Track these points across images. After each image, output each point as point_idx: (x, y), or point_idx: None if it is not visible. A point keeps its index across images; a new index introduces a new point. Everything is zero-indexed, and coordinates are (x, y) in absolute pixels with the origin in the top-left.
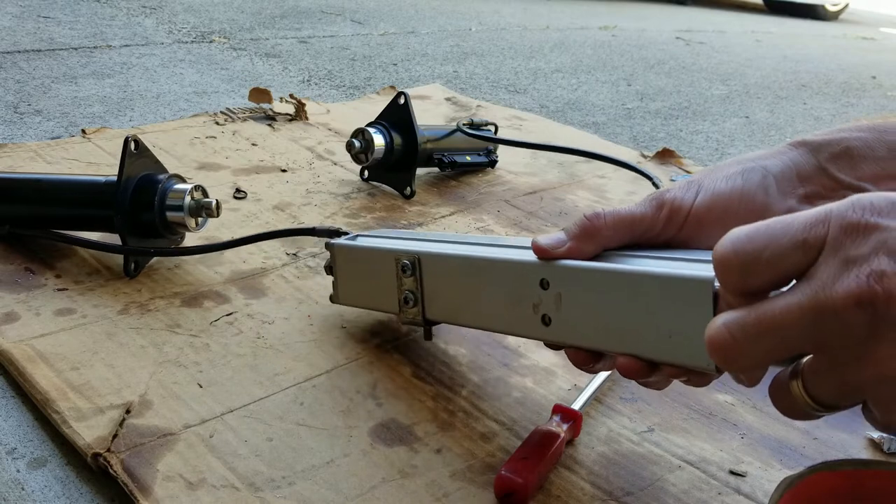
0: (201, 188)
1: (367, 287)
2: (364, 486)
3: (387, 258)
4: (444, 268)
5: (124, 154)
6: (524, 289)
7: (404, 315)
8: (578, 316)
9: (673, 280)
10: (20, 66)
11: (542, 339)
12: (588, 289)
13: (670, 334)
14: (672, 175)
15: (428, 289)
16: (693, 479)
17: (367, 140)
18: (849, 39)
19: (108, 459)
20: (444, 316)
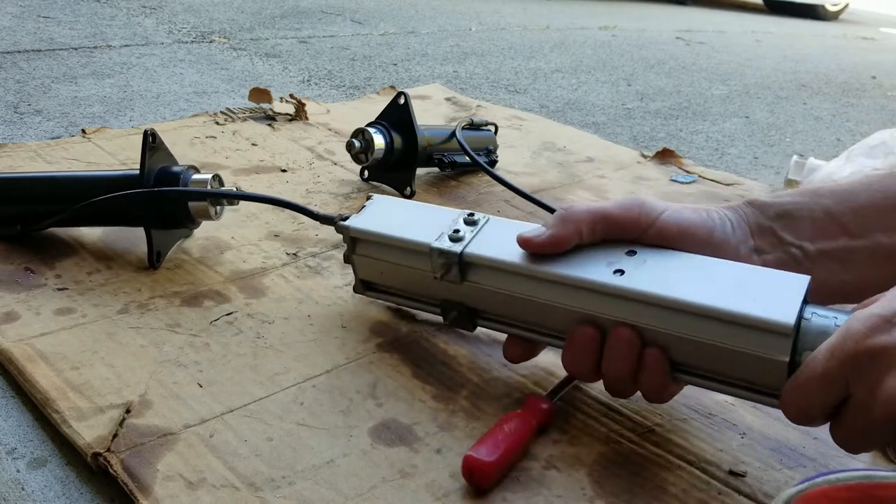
0: (218, 177)
1: (404, 226)
2: (364, 485)
3: (447, 212)
4: (512, 228)
5: (144, 147)
6: (607, 253)
7: (438, 244)
8: (658, 273)
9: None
10: (20, 66)
11: (604, 287)
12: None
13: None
14: (672, 175)
15: (483, 235)
16: (693, 479)
17: (367, 140)
18: (849, 39)
19: (108, 459)
20: (490, 252)
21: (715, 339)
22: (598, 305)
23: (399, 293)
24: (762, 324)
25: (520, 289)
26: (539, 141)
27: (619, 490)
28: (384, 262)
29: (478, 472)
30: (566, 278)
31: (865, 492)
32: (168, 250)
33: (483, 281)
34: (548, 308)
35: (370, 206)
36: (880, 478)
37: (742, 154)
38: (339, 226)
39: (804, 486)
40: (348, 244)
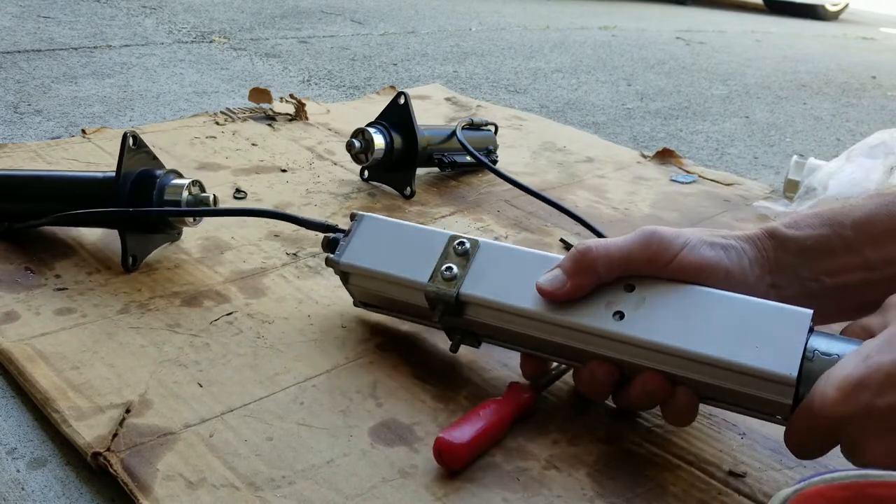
0: (199, 183)
1: (393, 258)
2: (364, 485)
3: (435, 237)
4: (504, 257)
5: (123, 149)
6: (604, 287)
7: (433, 286)
8: (658, 316)
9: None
10: (20, 66)
11: (605, 332)
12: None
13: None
14: (672, 175)
15: (475, 269)
16: (693, 479)
17: (367, 140)
18: (849, 39)
19: (108, 459)
20: (484, 292)
21: (718, 382)
22: (600, 348)
23: (401, 314)
24: (766, 374)
25: (518, 328)
26: (539, 141)
27: (619, 490)
28: (379, 293)
29: (447, 454)
30: (565, 322)
31: (860, 490)
32: (146, 255)
33: (481, 317)
34: (548, 343)
35: (358, 230)
36: (875, 476)
37: (742, 154)
38: (328, 259)
39: (800, 485)
40: (340, 276)
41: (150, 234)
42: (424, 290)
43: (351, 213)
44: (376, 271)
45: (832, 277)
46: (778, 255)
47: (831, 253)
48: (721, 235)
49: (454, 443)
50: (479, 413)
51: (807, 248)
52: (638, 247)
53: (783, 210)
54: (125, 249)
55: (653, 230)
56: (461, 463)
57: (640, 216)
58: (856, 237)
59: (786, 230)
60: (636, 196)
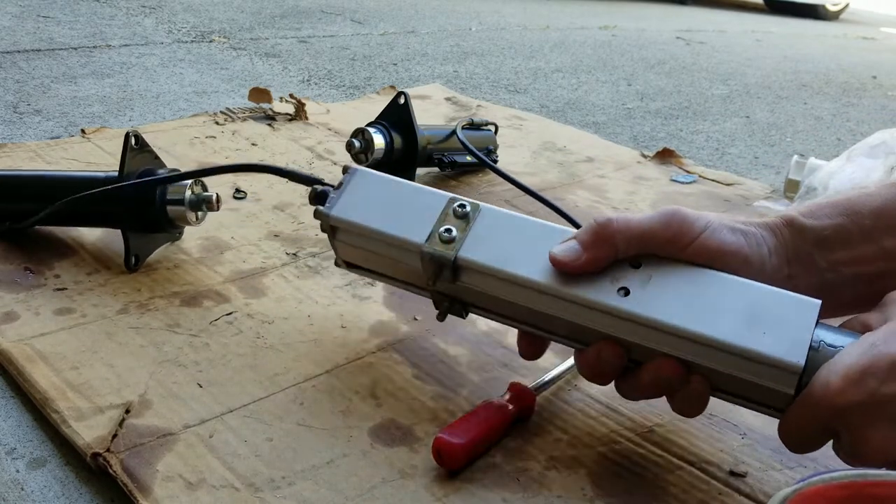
0: (201, 182)
1: (388, 215)
2: (364, 486)
3: (434, 197)
4: (505, 223)
5: (125, 149)
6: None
7: (429, 247)
8: (665, 294)
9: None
10: (20, 66)
11: (608, 307)
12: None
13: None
14: (672, 175)
15: (475, 233)
16: (693, 479)
17: (367, 140)
18: (849, 39)
19: (108, 459)
20: (485, 258)
21: (721, 367)
22: (601, 325)
23: (385, 276)
24: (771, 361)
25: (517, 298)
26: (539, 141)
27: (619, 490)
28: (368, 252)
29: (446, 454)
30: (567, 294)
31: (859, 490)
32: (148, 254)
33: (477, 284)
34: (546, 317)
35: (350, 184)
36: (874, 476)
37: (742, 154)
38: (317, 212)
39: (800, 485)
40: (327, 230)
41: (153, 234)
42: (420, 250)
43: (343, 166)
44: (370, 228)
45: (849, 267)
46: (796, 244)
47: (848, 242)
48: (741, 221)
49: (453, 442)
50: (479, 413)
51: (824, 238)
52: (659, 225)
53: (783, 210)
54: (128, 249)
55: (675, 209)
56: (459, 463)
57: None
58: (873, 226)
59: (803, 219)
60: (636, 196)
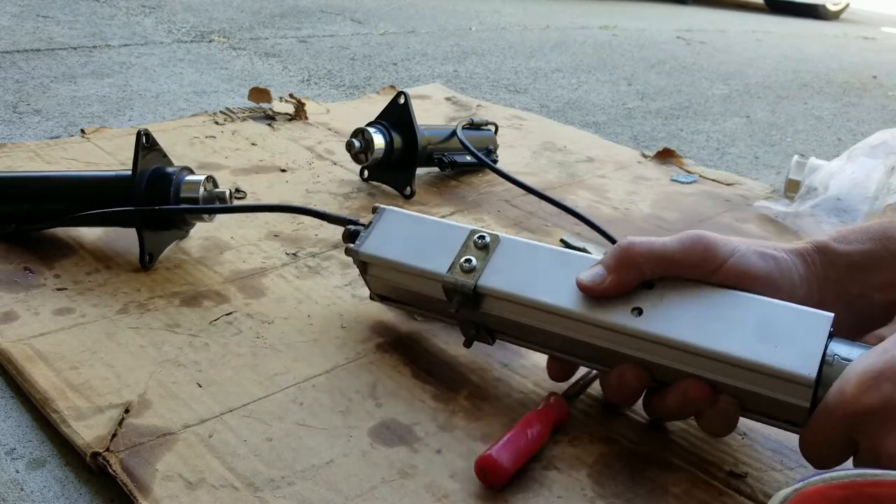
0: (212, 178)
1: (413, 249)
2: (364, 486)
3: (455, 231)
4: (523, 251)
5: (137, 147)
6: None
7: (451, 277)
8: (677, 313)
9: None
10: (19, 66)
11: (622, 328)
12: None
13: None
14: (672, 175)
15: (495, 262)
16: (693, 479)
17: (367, 140)
18: (850, 39)
19: (108, 459)
20: (503, 284)
21: (737, 383)
22: (616, 343)
23: (416, 307)
24: (785, 375)
25: (535, 321)
26: (539, 141)
27: (620, 490)
28: (397, 285)
29: (492, 474)
30: (583, 316)
31: (859, 489)
32: (161, 252)
33: (498, 311)
34: (566, 339)
35: (379, 223)
36: (873, 475)
37: (743, 154)
38: (348, 249)
39: (800, 485)
40: (359, 266)
41: (165, 231)
42: (443, 280)
43: (373, 207)
44: (395, 261)
45: (881, 293)
46: (826, 270)
47: (880, 268)
48: (771, 246)
49: (504, 466)
50: (527, 433)
51: (855, 264)
52: (682, 249)
53: (784, 210)
54: (143, 248)
55: (699, 234)
56: (502, 484)
57: (641, 216)
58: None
59: (835, 244)
60: (637, 196)
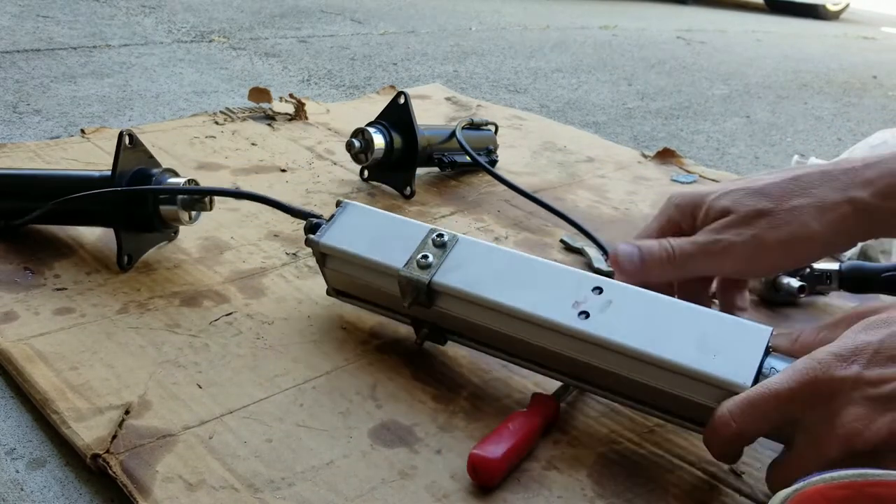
0: (194, 182)
1: (372, 244)
2: (364, 486)
3: (415, 228)
4: (480, 252)
5: (119, 148)
6: (573, 288)
7: (406, 271)
8: (622, 318)
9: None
10: (19, 66)
11: (567, 329)
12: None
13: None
14: (673, 175)
15: (450, 261)
16: (694, 479)
17: (367, 140)
18: (850, 39)
19: (108, 461)
20: (456, 282)
21: (674, 390)
22: (561, 344)
23: (371, 303)
24: (722, 383)
25: (485, 320)
26: (539, 141)
27: (620, 490)
28: (354, 278)
29: (483, 470)
30: (531, 316)
31: (860, 489)
32: (141, 254)
33: (450, 308)
34: (514, 341)
35: (341, 216)
36: (874, 475)
37: (743, 154)
38: (308, 239)
39: (800, 485)
40: (318, 257)
41: (146, 233)
42: (398, 274)
43: (337, 200)
44: (353, 254)
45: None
46: (870, 229)
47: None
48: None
49: (489, 458)
50: (509, 426)
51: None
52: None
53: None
54: (120, 248)
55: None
56: (496, 480)
57: (641, 216)
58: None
59: (877, 202)
60: (637, 196)
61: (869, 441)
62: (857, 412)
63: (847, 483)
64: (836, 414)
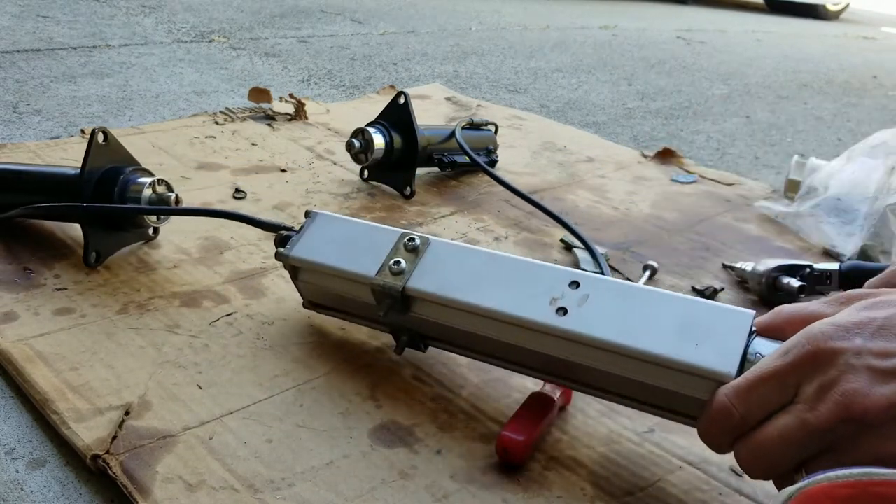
0: (165, 182)
1: (343, 253)
2: (364, 487)
3: (386, 234)
4: (453, 254)
5: (90, 146)
6: (549, 284)
7: (379, 279)
8: (601, 312)
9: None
10: (19, 66)
11: (545, 327)
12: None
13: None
14: (673, 175)
15: (424, 265)
16: (694, 479)
17: (367, 140)
18: (850, 39)
19: (108, 461)
20: (431, 286)
21: (657, 382)
22: (539, 344)
23: (348, 313)
24: (704, 372)
25: (463, 324)
26: (539, 141)
27: (620, 490)
28: (327, 290)
29: (512, 451)
30: (508, 317)
31: (865, 489)
32: (112, 252)
33: (427, 314)
34: (494, 343)
35: (311, 226)
36: (879, 475)
37: (743, 154)
38: (278, 253)
39: (804, 483)
40: (289, 271)
41: (116, 232)
42: (371, 283)
43: (306, 211)
44: (324, 265)
45: None
46: None
47: None
48: None
49: (518, 440)
50: (531, 408)
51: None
52: None
53: (784, 210)
54: (86, 244)
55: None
56: (523, 458)
57: (641, 216)
58: None
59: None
60: (637, 196)
61: (868, 410)
62: (858, 380)
63: (851, 482)
64: (835, 381)
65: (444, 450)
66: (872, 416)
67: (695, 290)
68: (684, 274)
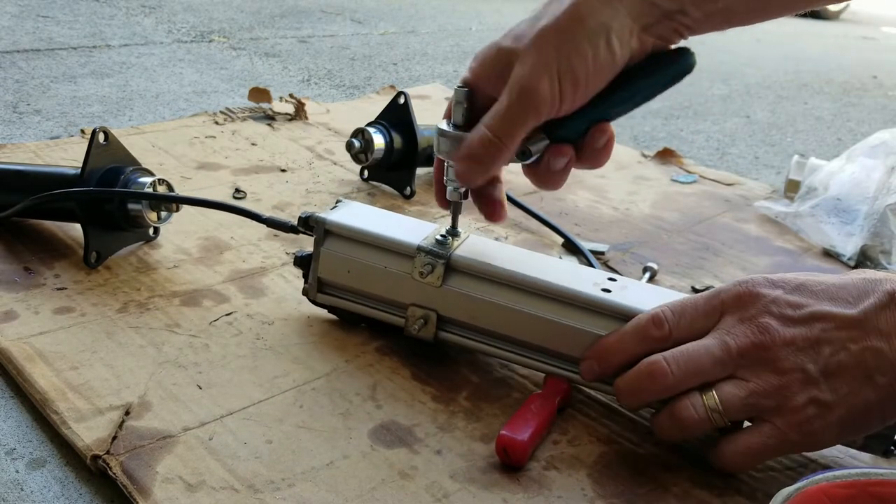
0: (165, 182)
1: (380, 226)
2: (364, 487)
3: (423, 224)
4: (492, 245)
5: (90, 145)
6: (590, 274)
7: (425, 244)
8: (640, 296)
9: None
10: (19, 66)
11: (592, 300)
12: None
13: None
14: (673, 175)
15: (465, 247)
16: (693, 479)
17: (367, 140)
18: (850, 39)
19: (108, 462)
20: (478, 257)
21: None
22: (583, 322)
23: (361, 295)
24: None
25: (503, 298)
26: None
27: (620, 490)
28: (355, 260)
29: (512, 451)
30: (556, 288)
31: (862, 489)
32: (112, 252)
33: (464, 288)
34: (525, 323)
35: (342, 208)
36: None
37: (743, 154)
38: (313, 217)
39: (803, 483)
40: (318, 238)
41: (117, 232)
42: (418, 246)
43: (337, 200)
44: (365, 230)
45: (698, 7)
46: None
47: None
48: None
49: (518, 440)
50: (531, 408)
51: None
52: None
53: (784, 210)
54: (87, 244)
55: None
56: (524, 459)
57: (641, 216)
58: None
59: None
60: (637, 196)
61: (775, 341)
62: (772, 320)
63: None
64: (754, 317)
65: (444, 450)
66: (778, 347)
67: (695, 290)
68: (684, 274)
